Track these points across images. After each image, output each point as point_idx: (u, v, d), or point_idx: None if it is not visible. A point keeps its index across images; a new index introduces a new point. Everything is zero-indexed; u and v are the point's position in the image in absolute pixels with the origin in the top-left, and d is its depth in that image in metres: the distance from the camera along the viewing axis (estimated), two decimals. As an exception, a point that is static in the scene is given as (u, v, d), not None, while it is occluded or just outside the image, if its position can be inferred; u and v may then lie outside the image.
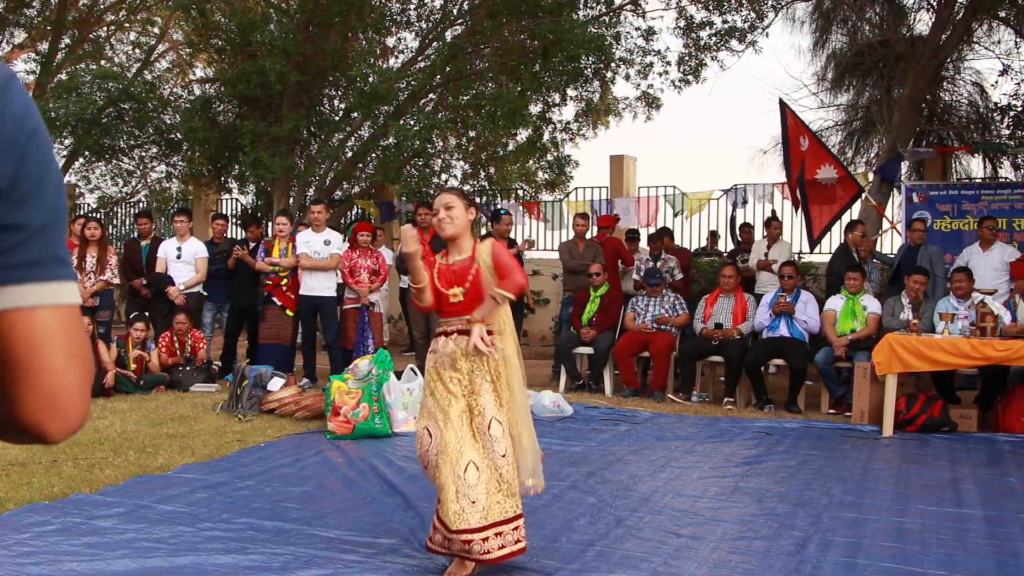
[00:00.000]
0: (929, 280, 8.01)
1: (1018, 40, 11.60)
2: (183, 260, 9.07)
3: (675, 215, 11.74)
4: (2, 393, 0.82)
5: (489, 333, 3.64)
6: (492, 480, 3.53)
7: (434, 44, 12.59)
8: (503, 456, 3.53)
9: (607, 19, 12.68)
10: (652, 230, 10.79)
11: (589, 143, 21.67)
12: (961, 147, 12.03)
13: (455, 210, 3.75)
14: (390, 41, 13.81)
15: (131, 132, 13.44)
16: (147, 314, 8.78)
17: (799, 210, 10.29)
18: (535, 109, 13.33)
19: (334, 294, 8.65)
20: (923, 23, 12.16)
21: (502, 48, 11.86)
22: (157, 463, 5.38)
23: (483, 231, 12.70)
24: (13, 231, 0.81)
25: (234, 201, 15.58)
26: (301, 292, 8.52)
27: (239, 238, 9.59)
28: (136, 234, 9.99)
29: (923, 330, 7.26)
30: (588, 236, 9.79)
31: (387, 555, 3.76)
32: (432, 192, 13.49)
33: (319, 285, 8.49)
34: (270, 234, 9.10)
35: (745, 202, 10.94)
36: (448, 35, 12.58)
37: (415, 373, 6.97)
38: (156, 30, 16.55)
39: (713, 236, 12.91)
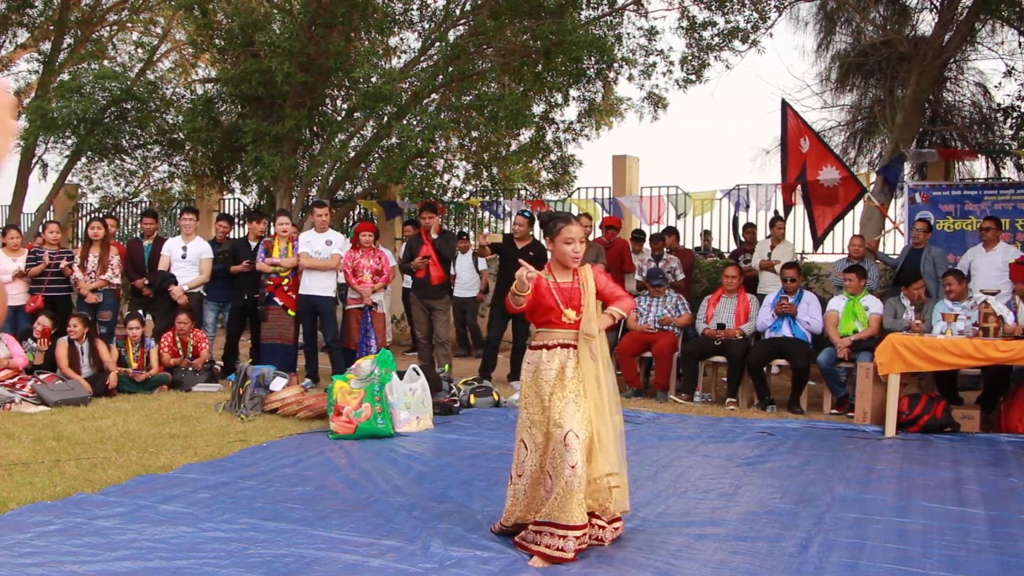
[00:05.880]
0: (931, 282, 7.99)
1: (1022, 41, 11.58)
2: (188, 260, 9.06)
3: (678, 217, 11.73)
4: None
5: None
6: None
7: (437, 44, 12.59)
8: (572, 467, 3.71)
9: (609, 19, 12.67)
10: (658, 228, 10.78)
11: (592, 143, 21.69)
12: (964, 151, 12.01)
13: (583, 244, 4.01)
14: (392, 41, 13.82)
15: (133, 132, 13.43)
16: (140, 312, 8.78)
17: (791, 212, 10.28)
18: (538, 109, 13.33)
19: (332, 294, 8.65)
20: (926, 24, 12.16)
21: (504, 48, 11.85)
22: (159, 463, 5.38)
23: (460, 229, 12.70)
24: None
25: (237, 201, 15.59)
26: (300, 292, 8.53)
27: (241, 238, 9.55)
28: (139, 234, 9.98)
29: (925, 331, 7.25)
30: (592, 237, 9.77)
31: (389, 555, 3.75)
32: (435, 192, 13.51)
33: (316, 285, 8.49)
34: (270, 233, 9.09)
35: (748, 205, 10.93)
36: (451, 35, 12.58)
37: (417, 373, 6.96)
38: (159, 30, 16.56)
39: (706, 235, 12.91)
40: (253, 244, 9.13)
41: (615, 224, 10.05)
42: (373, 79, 11.34)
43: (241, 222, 13.91)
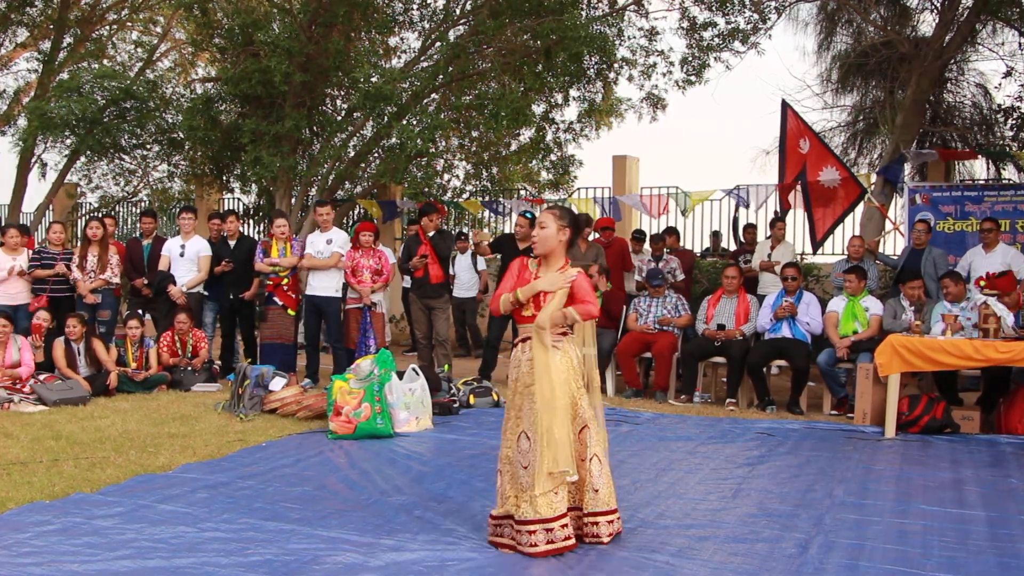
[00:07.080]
0: (932, 283, 7.98)
1: (1022, 41, 11.58)
2: (186, 258, 9.07)
3: (683, 212, 11.72)
4: None
5: (563, 334, 3.94)
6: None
7: (437, 44, 12.58)
8: (525, 468, 3.83)
9: (610, 19, 12.66)
10: (662, 219, 10.76)
11: (592, 143, 21.69)
12: (964, 152, 12.00)
13: (547, 230, 3.98)
14: (392, 41, 13.81)
15: (133, 131, 13.39)
16: (140, 311, 8.77)
17: (787, 213, 10.27)
18: (538, 109, 13.32)
19: (337, 293, 8.64)
20: (927, 24, 12.16)
21: (505, 48, 11.84)
22: (158, 463, 5.38)
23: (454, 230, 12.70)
24: None
25: (237, 201, 15.58)
26: (307, 292, 8.53)
27: (221, 237, 9.52)
28: (138, 233, 9.97)
29: (924, 332, 7.25)
30: (591, 237, 9.75)
31: (388, 555, 3.75)
32: (434, 193, 13.50)
33: (320, 285, 8.49)
34: (267, 234, 9.10)
35: (747, 204, 10.92)
36: (451, 35, 12.57)
37: (417, 373, 6.96)
38: (158, 29, 16.54)
39: (715, 236, 12.88)
40: (232, 244, 9.17)
41: (609, 225, 10.03)
42: (373, 79, 11.33)
43: (242, 222, 13.89)
